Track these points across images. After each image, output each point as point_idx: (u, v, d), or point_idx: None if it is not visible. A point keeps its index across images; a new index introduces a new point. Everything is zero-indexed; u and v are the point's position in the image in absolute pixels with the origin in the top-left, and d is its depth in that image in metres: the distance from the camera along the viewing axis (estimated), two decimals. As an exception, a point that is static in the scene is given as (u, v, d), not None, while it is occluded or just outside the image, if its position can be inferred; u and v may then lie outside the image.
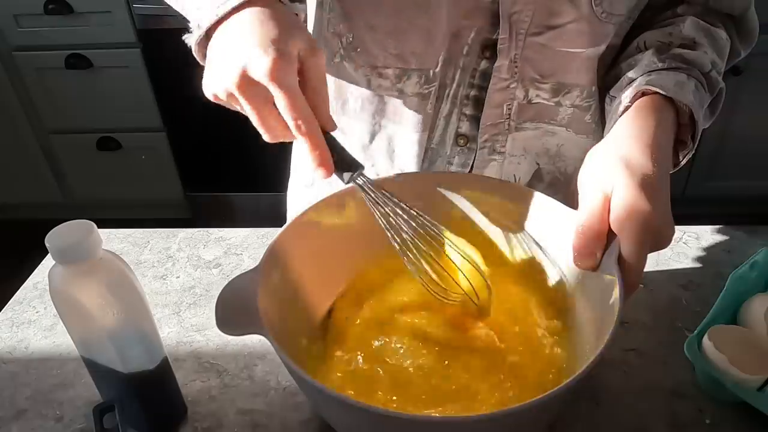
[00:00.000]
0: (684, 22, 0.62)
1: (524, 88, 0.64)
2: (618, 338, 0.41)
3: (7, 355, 0.64)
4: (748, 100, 1.80)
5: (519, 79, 0.63)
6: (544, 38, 0.61)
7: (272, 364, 0.61)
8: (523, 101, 0.65)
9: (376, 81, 0.66)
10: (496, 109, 0.65)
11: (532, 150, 0.69)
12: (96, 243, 0.45)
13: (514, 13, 0.59)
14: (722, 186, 2.00)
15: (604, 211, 0.46)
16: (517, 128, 0.67)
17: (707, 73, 0.59)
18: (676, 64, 0.58)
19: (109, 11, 1.74)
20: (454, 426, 0.40)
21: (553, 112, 0.66)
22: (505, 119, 0.66)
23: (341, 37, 0.65)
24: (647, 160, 0.47)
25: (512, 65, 0.62)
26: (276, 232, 0.52)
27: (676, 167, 0.58)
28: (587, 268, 0.48)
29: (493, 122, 0.66)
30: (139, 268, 0.74)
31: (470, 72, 0.64)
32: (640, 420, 0.55)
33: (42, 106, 1.94)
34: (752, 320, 0.59)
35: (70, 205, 2.17)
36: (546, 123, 0.67)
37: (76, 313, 0.47)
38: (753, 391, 0.53)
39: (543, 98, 0.65)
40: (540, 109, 0.66)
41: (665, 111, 0.53)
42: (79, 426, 0.56)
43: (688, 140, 0.56)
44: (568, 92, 0.65)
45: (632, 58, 0.62)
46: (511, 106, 0.65)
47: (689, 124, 0.55)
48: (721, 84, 0.61)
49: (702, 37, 0.61)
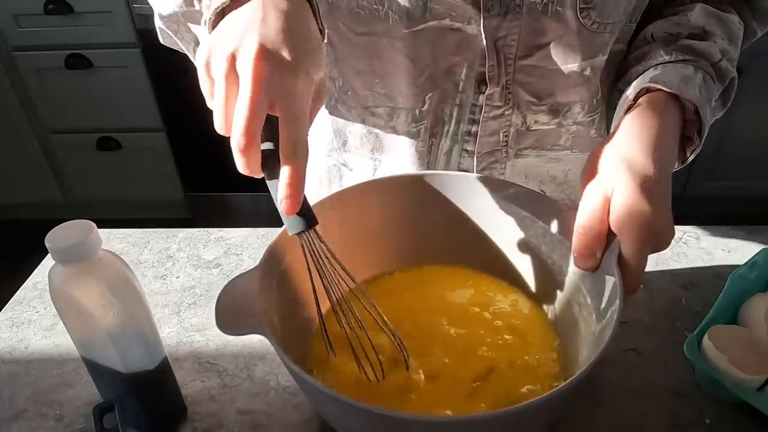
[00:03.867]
0: (692, 10, 0.60)
1: (521, 114, 0.63)
2: (618, 338, 0.41)
3: (7, 355, 0.64)
4: (749, 101, 1.80)
5: (514, 105, 0.62)
6: (533, 59, 0.59)
7: (272, 364, 0.61)
8: (521, 128, 0.64)
9: (370, 120, 0.66)
10: (492, 137, 0.64)
11: (536, 177, 0.68)
12: (96, 243, 0.45)
13: (499, 39, 0.58)
14: (722, 186, 2.00)
15: (604, 211, 0.46)
16: (516, 155, 0.66)
17: (716, 63, 0.57)
18: (684, 57, 0.56)
19: (109, 11, 1.73)
20: (454, 426, 0.40)
21: (555, 136, 0.65)
22: (501, 147, 0.65)
23: (334, 81, 0.65)
24: (649, 161, 0.46)
25: (504, 91, 0.61)
26: (276, 232, 0.52)
27: (684, 163, 0.57)
28: (588, 268, 0.48)
29: (489, 150, 0.65)
30: (139, 268, 0.74)
31: (469, 108, 0.63)
32: (640, 420, 0.54)
33: (42, 106, 1.94)
34: (752, 320, 0.59)
35: (70, 205, 2.17)
36: (548, 149, 0.66)
37: (76, 313, 0.47)
38: (753, 391, 0.53)
39: (542, 123, 0.64)
40: (540, 135, 0.65)
41: (670, 108, 0.52)
42: (79, 426, 0.56)
43: (695, 136, 0.55)
44: (569, 110, 0.64)
45: (639, 50, 0.61)
46: (507, 133, 0.64)
47: (696, 119, 0.54)
48: (732, 73, 0.59)
49: (712, 24, 0.59)
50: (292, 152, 0.39)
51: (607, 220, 0.46)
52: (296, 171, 0.39)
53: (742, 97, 1.76)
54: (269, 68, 0.38)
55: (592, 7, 0.56)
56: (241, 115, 0.38)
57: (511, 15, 0.56)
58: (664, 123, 0.51)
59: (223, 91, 0.40)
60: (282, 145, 0.40)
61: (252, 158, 0.39)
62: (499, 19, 0.56)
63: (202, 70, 0.41)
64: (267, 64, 0.38)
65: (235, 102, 0.39)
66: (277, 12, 0.41)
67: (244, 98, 0.38)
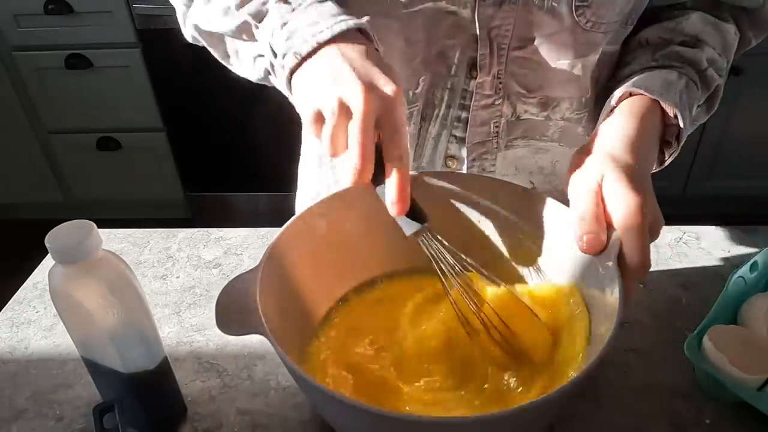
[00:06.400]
0: (689, 16, 0.61)
1: (511, 104, 0.63)
2: (618, 338, 0.41)
3: (7, 355, 0.64)
4: (749, 101, 1.80)
5: (505, 95, 0.62)
6: (526, 52, 0.60)
7: (272, 364, 0.61)
8: (511, 118, 0.64)
9: None
10: (482, 128, 0.64)
11: (525, 169, 0.68)
12: (96, 243, 0.45)
13: (493, 28, 0.58)
14: (722, 186, 2.00)
15: (598, 196, 0.47)
16: (507, 146, 0.66)
17: (702, 70, 0.58)
18: (670, 63, 0.58)
19: (109, 11, 1.73)
20: (454, 426, 0.40)
21: (543, 127, 0.66)
22: (492, 137, 0.65)
23: None
24: (630, 155, 0.49)
25: (496, 81, 0.61)
26: (276, 232, 0.52)
27: (662, 165, 0.59)
28: (595, 251, 0.48)
29: (480, 140, 0.65)
30: (139, 268, 0.74)
31: (459, 93, 0.63)
32: (640, 420, 0.55)
33: (42, 106, 1.94)
34: (752, 320, 0.59)
35: (70, 205, 2.17)
36: (537, 139, 0.66)
37: (76, 313, 0.47)
38: (753, 391, 0.53)
39: (531, 113, 0.64)
40: (529, 125, 0.65)
41: (650, 111, 0.54)
42: (79, 426, 0.56)
43: (673, 140, 0.57)
44: (557, 105, 0.64)
45: (630, 54, 0.62)
46: (498, 124, 0.64)
47: (675, 123, 0.55)
48: (718, 81, 0.60)
49: (708, 32, 0.60)
50: (398, 160, 0.44)
51: (602, 203, 0.47)
52: (403, 176, 0.44)
53: (742, 97, 1.78)
54: (369, 93, 0.44)
55: (588, 5, 0.56)
56: (355, 142, 0.43)
57: (506, 5, 0.57)
58: (644, 125, 0.53)
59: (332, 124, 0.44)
60: (389, 155, 0.45)
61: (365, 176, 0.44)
62: (494, 8, 0.57)
63: (311, 126, 0.47)
64: (366, 90, 0.44)
65: (344, 131, 0.44)
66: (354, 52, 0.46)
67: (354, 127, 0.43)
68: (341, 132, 0.45)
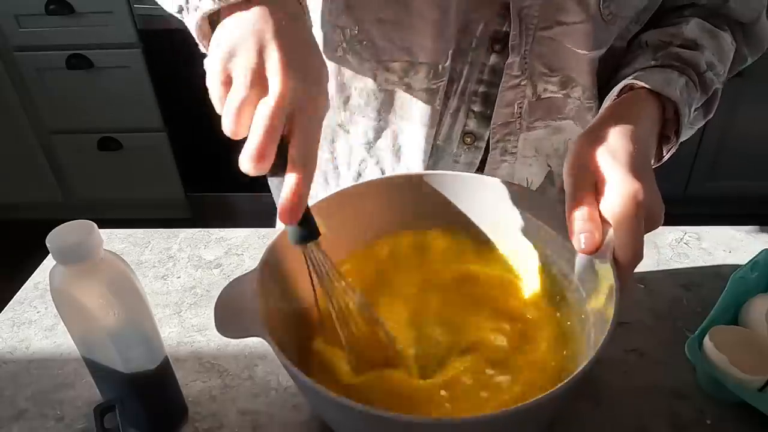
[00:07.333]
0: (688, 22, 0.61)
1: (533, 84, 0.63)
2: (618, 338, 0.41)
3: (8, 355, 0.64)
4: (749, 101, 1.80)
5: (528, 75, 0.62)
6: (552, 32, 0.60)
7: (273, 364, 0.61)
8: (532, 98, 0.64)
9: (382, 75, 0.64)
10: (507, 108, 0.64)
11: (543, 151, 0.68)
12: (97, 243, 0.45)
13: (524, 8, 0.58)
14: (723, 186, 2.00)
15: (593, 194, 0.46)
16: (528, 128, 0.66)
17: (701, 73, 0.58)
18: (670, 63, 0.58)
19: (110, 11, 1.74)
20: (453, 427, 0.40)
21: (562, 105, 0.65)
22: (516, 118, 0.65)
23: (344, 30, 0.63)
24: (629, 143, 0.47)
25: (522, 61, 0.61)
26: (276, 233, 0.52)
27: (660, 161, 0.58)
28: (591, 250, 0.47)
29: (504, 121, 0.65)
30: (140, 268, 0.74)
31: (479, 67, 0.63)
32: (640, 420, 0.55)
33: (43, 106, 1.94)
34: (753, 321, 0.59)
35: (71, 205, 2.17)
36: (554, 120, 0.66)
37: (76, 313, 0.47)
38: (754, 391, 0.53)
39: (552, 91, 0.64)
40: (549, 103, 0.65)
41: (649, 104, 0.54)
42: (79, 426, 0.56)
43: (672, 135, 0.56)
44: (575, 86, 0.64)
45: (631, 55, 0.62)
46: (522, 104, 0.64)
47: (674, 119, 0.55)
48: (716, 85, 0.60)
49: (705, 38, 0.60)
50: (302, 162, 0.40)
51: (596, 200, 0.46)
52: (302, 181, 0.40)
53: (743, 97, 1.78)
54: (293, 80, 0.39)
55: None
56: (263, 124, 0.39)
57: None
58: (642, 116, 0.52)
59: (242, 97, 0.40)
60: (294, 153, 0.40)
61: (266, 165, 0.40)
62: None
63: (217, 75, 0.42)
64: (291, 76, 0.39)
65: (252, 108, 0.40)
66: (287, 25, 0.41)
67: (266, 108, 0.39)
68: (248, 108, 0.40)
